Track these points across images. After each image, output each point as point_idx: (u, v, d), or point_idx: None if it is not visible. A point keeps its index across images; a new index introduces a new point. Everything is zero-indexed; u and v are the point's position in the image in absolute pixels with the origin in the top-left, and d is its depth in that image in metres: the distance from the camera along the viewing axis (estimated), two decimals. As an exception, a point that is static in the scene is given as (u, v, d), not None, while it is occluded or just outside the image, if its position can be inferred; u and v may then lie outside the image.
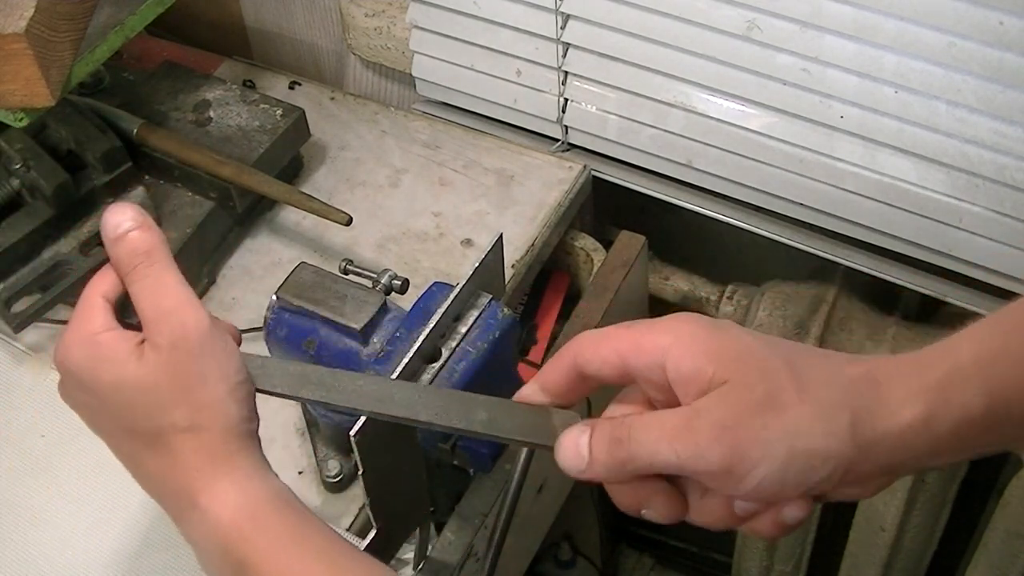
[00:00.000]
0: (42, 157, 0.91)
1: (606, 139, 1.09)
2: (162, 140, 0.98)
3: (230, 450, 0.61)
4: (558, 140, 1.13)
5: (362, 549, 0.67)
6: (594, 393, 0.60)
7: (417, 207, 1.06)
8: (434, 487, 0.79)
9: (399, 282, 0.82)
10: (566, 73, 1.07)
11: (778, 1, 0.90)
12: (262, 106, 1.04)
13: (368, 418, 0.62)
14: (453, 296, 0.72)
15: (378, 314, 0.76)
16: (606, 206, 1.16)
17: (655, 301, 1.18)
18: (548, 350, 1.07)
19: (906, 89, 0.90)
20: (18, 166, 0.91)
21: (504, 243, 0.77)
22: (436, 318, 0.71)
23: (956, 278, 1.01)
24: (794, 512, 0.54)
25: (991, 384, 0.52)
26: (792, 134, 0.97)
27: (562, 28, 1.03)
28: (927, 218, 0.95)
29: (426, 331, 0.70)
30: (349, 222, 0.92)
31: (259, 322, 0.81)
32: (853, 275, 1.09)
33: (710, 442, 0.52)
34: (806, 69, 0.93)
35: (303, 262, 0.80)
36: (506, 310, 0.74)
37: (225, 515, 0.60)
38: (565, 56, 1.05)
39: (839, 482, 0.53)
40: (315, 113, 1.12)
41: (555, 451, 0.57)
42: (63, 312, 0.93)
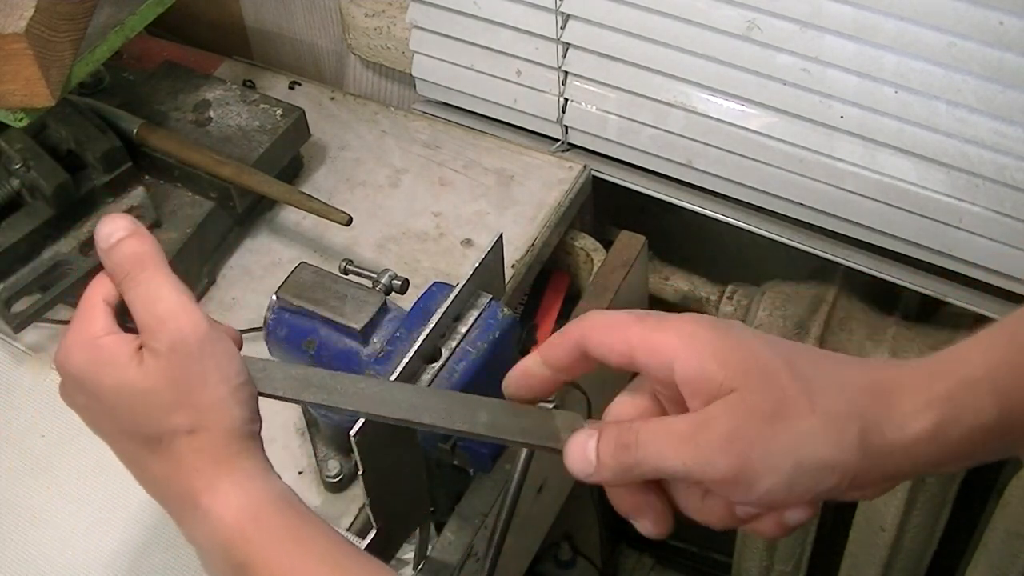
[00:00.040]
0: (42, 157, 0.91)
1: (606, 139, 1.09)
2: (162, 140, 0.98)
3: (232, 452, 0.61)
4: (558, 140, 1.13)
5: (362, 549, 0.67)
6: (592, 382, 0.61)
7: (417, 207, 1.06)
8: (434, 487, 0.79)
9: (399, 282, 0.82)
10: (566, 73, 1.07)
11: (778, 1, 0.90)
12: (262, 106, 1.04)
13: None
14: (453, 296, 0.72)
15: (378, 314, 0.76)
16: (606, 206, 1.15)
17: (655, 301, 1.18)
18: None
19: (906, 89, 0.90)
20: (18, 166, 0.91)
21: (504, 243, 0.77)
22: (436, 318, 0.71)
23: (956, 278, 1.01)
24: (797, 514, 0.55)
25: (1002, 394, 0.52)
26: (792, 134, 0.97)
27: (562, 28, 1.03)
28: (927, 218, 0.95)
29: (426, 331, 0.70)
30: (349, 222, 0.92)
31: (259, 322, 0.81)
32: (853, 275, 1.09)
33: (717, 452, 0.52)
34: (806, 69, 0.93)
35: (303, 262, 0.80)
36: (506, 310, 0.74)
37: (227, 516, 0.60)
38: (565, 56, 1.05)
39: (845, 489, 0.53)
40: (315, 113, 1.12)
41: (563, 455, 0.57)
42: (63, 312, 0.93)
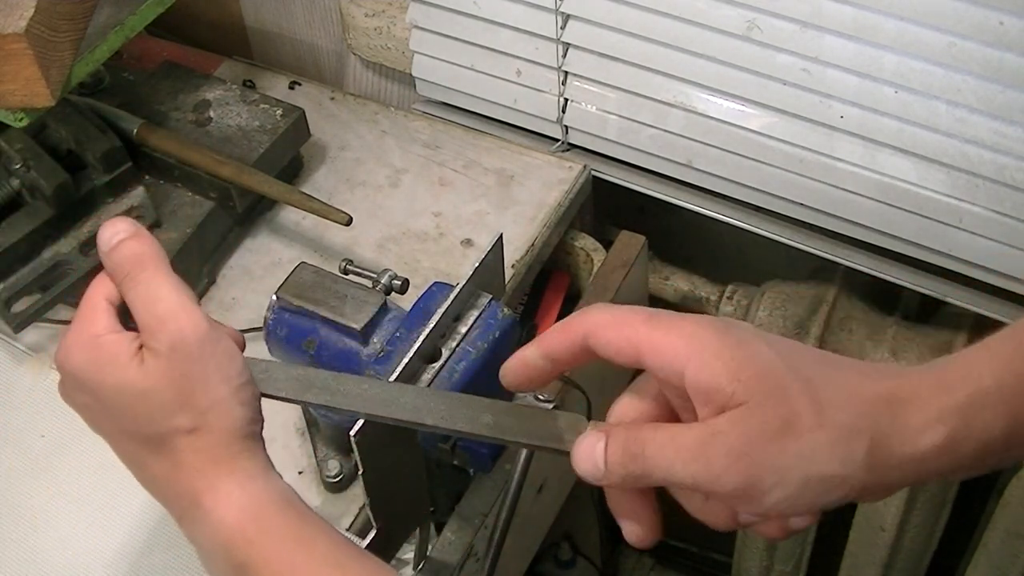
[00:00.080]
0: (42, 157, 0.91)
1: (606, 139, 1.09)
2: (162, 140, 0.98)
3: (233, 452, 0.61)
4: (558, 140, 1.13)
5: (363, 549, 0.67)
6: (592, 382, 0.60)
7: (417, 207, 1.06)
8: (434, 487, 0.79)
9: (399, 282, 0.82)
10: (566, 73, 1.07)
11: (778, 1, 0.90)
12: (262, 106, 1.04)
13: (368, 419, 0.62)
14: (453, 296, 0.72)
15: (378, 314, 0.76)
16: (606, 206, 1.15)
17: (655, 301, 1.18)
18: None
19: (906, 89, 0.90)
20: (18, 166, 0.91)
21: (504, 243, 0.77)
22: (436, 318, 0.71)
23: (956, 278, 1.01)
24: (800, 521, 0.55)
25: (1013, 407, 0.52)
26: (792, 134, 0.97)
27: (562, 28, 1.03)
28: (927, 218, 0.95)
29: (426, 331, 0.70)
30: (349, 222, 0.92)
31: (259, 322, 0.81)
32: (853, 275, 1.09)
33: (725, 468, 0.52)
34: (806, 69, 0.93)
35: (303, 262, 0.80)
36: (506, 310, 0.74)
37: (229, 516, 0.60)
38: (565, 56, 1.05)
39: (851, 499, 0.53)
40: (315, 113, 1.11)
41: (571, 458, 0.57)
42: (63, 312, 0.93)
